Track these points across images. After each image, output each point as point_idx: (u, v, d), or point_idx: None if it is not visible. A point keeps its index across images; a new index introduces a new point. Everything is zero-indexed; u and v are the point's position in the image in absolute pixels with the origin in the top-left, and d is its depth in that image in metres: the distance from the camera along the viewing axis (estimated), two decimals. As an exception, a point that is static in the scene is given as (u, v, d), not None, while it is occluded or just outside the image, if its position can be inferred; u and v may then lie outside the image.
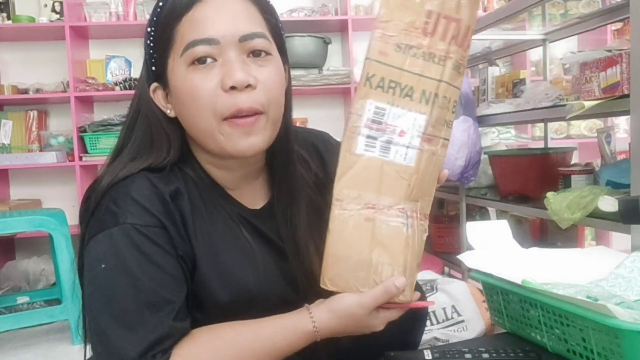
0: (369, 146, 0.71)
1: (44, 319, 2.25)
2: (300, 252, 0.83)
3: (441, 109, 0.70)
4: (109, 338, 0.68)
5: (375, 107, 0.70)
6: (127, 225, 0.71)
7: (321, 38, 3.08)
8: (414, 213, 0.71)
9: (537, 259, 1.00)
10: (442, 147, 0.71)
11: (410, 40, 0.69)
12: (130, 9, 3.16)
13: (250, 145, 0.75)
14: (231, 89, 0.72)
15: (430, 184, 0.72)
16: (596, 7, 2.56)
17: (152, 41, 0.77)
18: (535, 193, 1.66)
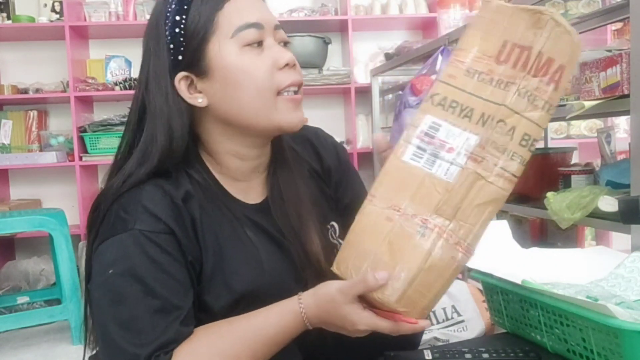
0: (416, 156, 0.72)
1: (44, 319, 2.25)
2: (301, 235, 0.85)
3: (499, 135, 0.69)
4: (115, 342, 0.70)
5: (432, 122, 0.72)
6: (136, 232, 0.72)
7: (321, 38, 3.08)
8: (438, 229, 0.69)
9: (537, 259, 1.00)
10: (497, 176, 0.69)
11: (481, 67, 0.72)
12: (130, 8, 3.16)
13: (300, 119, 0.82)
14: (285, 67, 0.79)
15: (472, 210, 0.69)
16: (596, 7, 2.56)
17: (184, 28, 0.77)
18: (535, 193, 1.66)
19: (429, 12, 3.31)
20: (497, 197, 0.69)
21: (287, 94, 0.80)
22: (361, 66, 3.34)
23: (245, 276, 0.79)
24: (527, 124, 0.69)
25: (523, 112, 0.69)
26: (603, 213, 1.29)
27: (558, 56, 0.69)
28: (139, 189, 0.76)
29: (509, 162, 0.69)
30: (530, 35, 0.69)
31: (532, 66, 0.69)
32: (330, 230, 0.92)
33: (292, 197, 0.87)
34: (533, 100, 0.69)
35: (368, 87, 3.12)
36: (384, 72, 2.93)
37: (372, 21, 3.32)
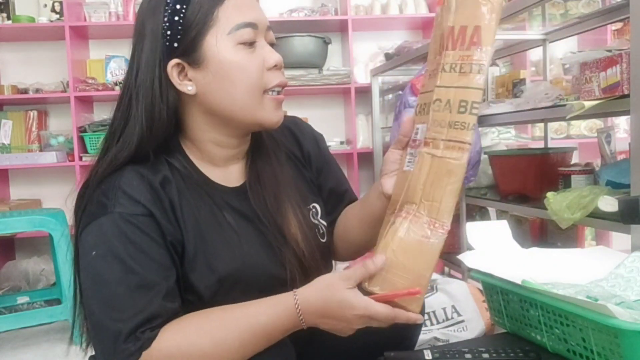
0: (409, 162, 0.79)
1: (44, 319, 2.25)
2: (277, 218, 0.88)
3: (437, 112, 0.73)
4: (100, 320, 0.72)
5: (415, 128, 0.79)
6: (115, 215, 0.75)
7: (321, 38, 3.08)
8: (406, 214, 0.74)
9: (537, 259, 1.00)
10: (446, 149, 0.72)
11: (433, 65, 0.78)
12: (130, 8, 3.16)
13: (280, 118, 0.87)
14: (273, 68, 0.84)
15: (432, 188, 0.73)
16: (596, 7, 2.56)
17: (184, 17, 0.79)
18: (535, 193, 1.66)
19: (429, 12, 3.31)
20: (451, 169, 0.72)
21: (272, 93, 0.84)
22: (361, 66, 3.34)
23: (225, 258, 0.81)
24: (460, 91, 0.72)
25: (453, 84, 0.72)
26: (603, 213, 1.29)
27: (469, 21, 0.72)
28: (118, 175, 0.79)
29: (453, 132, 0.72)
30: (444, 18, 0.74)
31: (448, 43, 0.73)
32: (312, 211, 0.96)
33: (269, 181, 0.91)
34: (460, 69, 0.72)
35: (368, 87, 3.12)
36: (384, 72, 2.93)
37: (372, 21, 3.32)
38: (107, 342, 0.71)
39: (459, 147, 0.72)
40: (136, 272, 0.73)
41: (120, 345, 0.70)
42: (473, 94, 0.72)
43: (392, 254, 0.74)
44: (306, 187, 0.98)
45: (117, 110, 0.84)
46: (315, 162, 1.02)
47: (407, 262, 0.73)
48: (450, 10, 0.73)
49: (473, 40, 0.71)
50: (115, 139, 0.82)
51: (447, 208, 0.73)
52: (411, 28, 3.52)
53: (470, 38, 0.72)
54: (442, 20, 0.75)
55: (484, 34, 0.71)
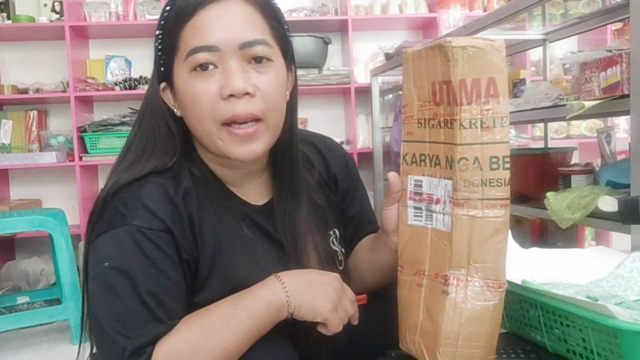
0: (417, 216, 0.75)
1: (44, 319, 2.25)
2: (298, 247, 0.85)
3: (465, 171, 0.68)
4: (106, 332, 0.71)
5: (415, 181, 0.76)
6: (133, 227, 0.72)
7: (321, 38, 3.08)
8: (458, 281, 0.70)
9: (537, 259, 1.00)
10: (487, 208, 0.68)
11: (427, 114, 0.73)
12: (130, 8, 3.16)
13: (249, 152, 0.78)
14: (229, 97, 0.75)
15: (481, 249, 0.69)
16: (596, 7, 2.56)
17: (160, 44, 0.80)
18: (535, 193, 1.66)
19: (429, 12, 3.31)
20: (497, 227, 0.69)
21: (234, 126, 0.76)
22: (361, 66, 3.34)
23: (243, 270, 0.80)
24: (487, 147, 0.68)
25: (477, 141, 0.68)
26: (603, 213, 1.29)
27: (481, 73, 0.67)
28: (140, 186, 0.76)
29: (489, 190, 0.68)
30: (446, 70, 0.69)
31: (460, 97, 0.68)
32: (332, 237, 0.93)
33: (294, 200, 0.87)
34: (482, 124, 0.68)
35: (368, 87, 3.12)
36: (384, 72, 2.93)
37: (372, 21, 3.32)
38: (110, 354, 0.71)
39: (499, 205, 0.69)
40: (148, 291, 0.71)
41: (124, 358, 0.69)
42: (502, 148, 0.68)
43: (461, 327, 0.69)
44: (330, 211, 0.94)
45: (142, 119, 0.84)
46: (341, 185, 0.97)
47: (477, 331, 0.70)
48: (458, 62, 0.67)
49: (490, 92, 0.67)
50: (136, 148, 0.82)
51: (502, 266, 0.70)
52: (411, 28, 3.52)
53: (486, 90, 0.67)
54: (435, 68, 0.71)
55: (499, 85, 0.68)
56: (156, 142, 0.81)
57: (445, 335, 0.69)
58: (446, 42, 0.67)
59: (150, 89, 0.84)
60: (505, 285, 0.71)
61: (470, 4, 3.30)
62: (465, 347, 0.69)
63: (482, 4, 3.35)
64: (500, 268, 0.70)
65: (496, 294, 0.70)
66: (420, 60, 0.73)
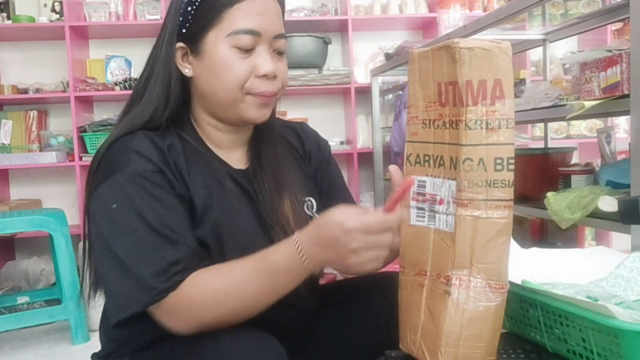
0: (420, 217, 0.75)
1: (44, 319, 2.25)
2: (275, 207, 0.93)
3: (469, 172, 0.69)
4: (129, 266, 0.77)
5: (418, 181, 0.75)
6: (130, 171, 0.81)
7: (321, 38, 3.08)
8: (460, 281, 0.70)
9: (537, 259, 1.00)
10: (490, 209, 0.68)
11: (432, 114, 0.73)
12: (130, 8, 3.16)
13: (262, 115, 0.91)
14: (263, 77, 0.88)
15: (484, 250, 0.69)
16: (596, 7, 2.56)
17: (195, 10, 0.87)
18: (535, 193, 1.66)
19: (429, 12, 3.31)
20: (500, 228, 0.69)
21: (256, 96, 0.89)
22: (361, 66, 3.34)
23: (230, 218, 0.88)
24: (492, 148, 0.68)
25: (482, 142, 0.68)
26: (603, 213, 1.29)
27: (488, 74, 0.68)
28: (130, 138, 0.85)
29: (493, 192, 0.69)
30: (453, 70, 0.69)
31: (467, 97, 0.68)
32: (307, 204, 0.99)
33: (270, 166, 0.96)
34: (487, 125, 0.68)
35: (368, 87, 3.12)
36: (384, 72, 2.93)
37: (372, 21, 3.32)
38: (131, 285, 0.76)
39: (503, 206, 0.69)
40: (158, 222, 0.79)
41: (148, 284, 0.75)
42: (507, 150, 0.69)
43: (463, 328, 0.69)
44: (304, 180, 1.03)
45: (140, 80, 0.93)
46: (314, 160, 1.07)
47: (479, 331, 0.70)
48: (465, 63, 0.67)
49: (496, 94, 0.68)
50: (134, 105, 0.91)
51: (504, 267, 0.70)
52: (411, 28, 3.52)
53: (492, 92, 0.68)
54: (442, 69, 0.71)
55: (505, 87, 0.68)
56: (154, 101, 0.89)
57: (447, 336, 0.69)
58: (453, 43, 0.68)
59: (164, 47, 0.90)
60: (507, 287, 0.71)
61: (470, 4, 3.30)
62: (466, 347, 0.69)
63: (482, 4, 3.35)
64: (502, 269, 0.70)
65: (498, 294, 0.70)
66: (427, 61, 0.73)
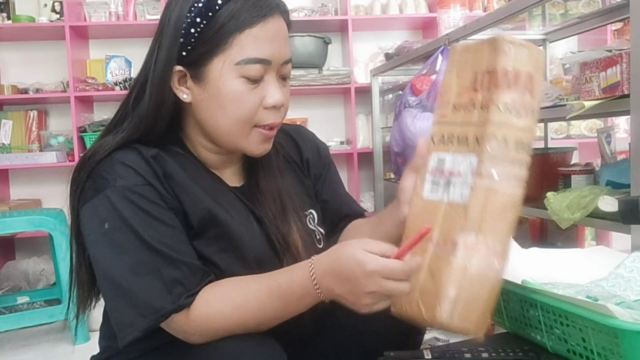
0: (434, 191, 0.79)
1: (44, 319, 2.24)
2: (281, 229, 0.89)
3: (495, 148, 0.73)
4: (129, 289, 0.74)
5: (438, 158, 0.80)
6: (118, 187, 0.77)
7: (321, 38, 3.08)
8: (467, 246, 0.72)
9: (537, 259, 1.00)
10: (504, 183, 0.73)
11: (464, 100, 0.79)
12: (130, 8, 3.16)
13: (265, 150, 0.87)
14: (272, 108, 0.83)
15: (494, 220, 0.73)
16: (596, 7, 2.56)
17: (200, 32, 0.80)
18: (535, 193, 1.66)
19: (429, 12, 3.31)
20: (511, 202, 0.74)
21: (263, 129, 0.85)
22: (361, 66, 3.34)
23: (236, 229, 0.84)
24: (517, 132, 0.74)
25: (509, 123, 0.73)
26: (603, 213, 1.29)
27: (523, 68, 0.74)
28: (115, 152, 0.81)
29: (511, 168, 0.74)
30: (493, 60, 0.75)
31: (502, 83, 0.74)
32: (309, 217, 0.96)
33: (268, 186, 0.92)
34: (515, 110, 0.73)
35: (368, 87, 3.12)
36: (384, 72, 2.93)
37: (372, 21, 3.32)
38: (132, 310, 0.73)
39: (517, 184, 0.75)
40: (154, 240, 0.75)
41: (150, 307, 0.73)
42: (527, 136, 0.75)
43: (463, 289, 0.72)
44: (304, 192, 0.98)
45: (129, 96, 0.86)
46: (313, 169, 1.02)
47: (477, 293, 0.73)
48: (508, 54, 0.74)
49: (527, 86, 0.74)
50: (121, 122, 0.85)
51: (509, 240, 0.74)
52: (411, 28, 3.52)
53: (525, 83, 0.74)
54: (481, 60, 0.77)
55: (535, 82, 0.75)
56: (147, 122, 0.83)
57: (448, 292, 0.72)
58: (499, 37, 0.75)
59: (159, 67, 0.82)
60: (508, 260, 0.74)
61: (470, 4, 3.30)
62: (465, 305, 0.72)
63: (482, 4, 3.35)
64: (506, 242, 0.74)
65: (500, 264, 0.73)
66: (467, 54, 0.80)
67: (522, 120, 0.74)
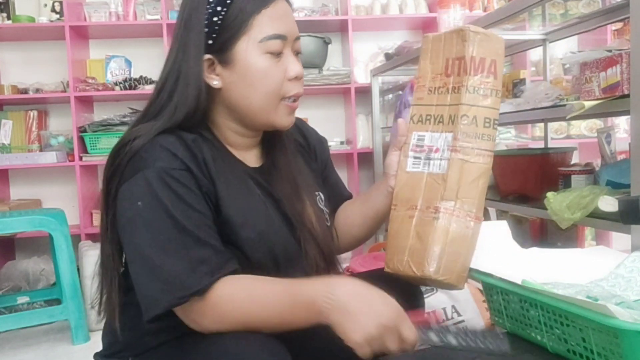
0: (415, 165, 0.93)
1: (44, 319, 2.24)
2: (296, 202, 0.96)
3: (466, 125, 0.88)
4: (157, 265, 0.77)
5: (418, 136, 0.94)
6: (157, 168, 0.81)
7: (321, 38, 3.08)
8: (447, 210, 0.86)
9: (537, 259, 1.00)
10: (477, 155, 0.88)
11: (438, 83, 0.93)
12: (130, 8, 3.16)
13: (292, 121, 0.95)
14: (294, 78, 0.91)
15: (468, 187, 0.87)
16: (596, 7, 2.56)
17: (222, 19, 0.87)
18: (535, 193, 1.66)
19: (429, 12, 3.31)
20: (482, 171, 0.88)
21: (288, 101, 0.92)
22: (361, 66, 3.34)
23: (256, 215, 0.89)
24: (484, 110, 0.89)
25: (477, 104, 0.88)
26: (603, 213, 1.29)
27: (487, 55, 0.89)
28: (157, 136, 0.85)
29: (481, 142, 0.88)
30: (461, 48, 0.89)
31: (470, 69, 0.88)
32: (317, 197, 1.03)
33: (285, 167, 0.99)
34: (481, 92, 0.88)
35: (368, 87, 3.12)
36: (384, 72, 2.93)
37: (372, 21, 3.32)
38: (160, 284, 0.77)
39: (487, 154, 0.88)
40: (185, 220, 0.79)
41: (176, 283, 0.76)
42: (494, 113, 0.89)
43: (446, 246, 0.85)
44: (313, 175, 1.06)
45: (162, 90, 0.90)
46: (320, 156, 1.12)
47: (458, 249, 0.85)
48: (474, 43, 0.88)
49: (491, 70, 0.89)
50: (154, 114, 0.90)
51: (482, 203, 0.88)
52: (411, 28, 3.53)
53: (488, 68, 0.89)
54: (451, 48, 0.91)
55: (498, 66, 0.89)
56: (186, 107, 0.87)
57: (433, 250, 0.85)
58: (465, 27, 0.88)
59: (191, 59, 0.87)
60: (482, 219, 0.88)
61: (470, 4, 3.30)
62: (447, 260, 0.85)
63: (482, 4, 3.35)
64: (480, 204, 0.88)
65: (475, 223, 0.87)
66: (439, 42, 0.93)
67: (488, 100, 0.89)
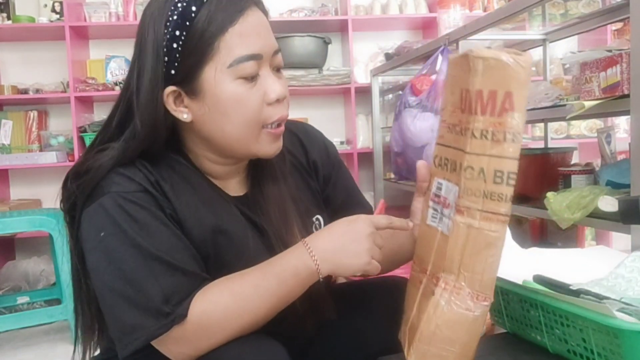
0: (434, 217, 0.76)
1: (44, 319, 2.24)
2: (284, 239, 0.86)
3: (469, 180, 0.67)
4: (128, 297, 0.72)
5: (437, 183, 0.76)
6: (113, 194, 0.75)
7: (321, 38, 3.08)
8: (446, 285, 0.70)
9: (537, 259, 1.00)
10: (484, 220, 0.67)
11: (455, 119, 0.72)
12: (130, 9, 3.16)
13: (277, 148, 0.84)
14: (276, 102, 0.80)
15: (472, 260, 0.68)
16: (596, 7, 2.56)
17: (183, 45, 0.75)
18: (535, 193, 1.66)
19: (429, 12, 3.31)
20: (490, 241, 0.67)
21: (271, 127, 0.81)
22: (361, 66, 3.34)
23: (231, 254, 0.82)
24: (494, 160, 0.66)
25: (486, 152, 0.66)
26: (603, 213, 1.29)
27: (499, 86, 0.65)
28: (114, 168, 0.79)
29: (489, 204, 0.67)
30: (467, 78, 0.67)
31: (475, 106, 0.67)
32: (315, 224, 0.94)
33: (273, 195, 0.89)
34: (492, 136, 0.66)
35: (368, 87, 3.12)
36: (384, 72, 2.93)
37: (372, 21, 3.32)
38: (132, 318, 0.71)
39: (496, 219, 0.67)
40: (150, 246, 0.73)
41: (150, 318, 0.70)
42: (509, 164, 0.66)
43: (437, 328, 0.70)
44: (310, 198, 0.96)
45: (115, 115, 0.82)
46: (322, 170, 0.99)
47: (452, 335, 0.70)
48: (477, 72, 0.66)
49: (505, 106, 0.65)
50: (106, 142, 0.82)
51: (490, 280, 0.69)
52: (411, 28, 3.52)
53: (501, 104, 0.65)
54: (462, 78, 0.70)
55: (516, 100, 0.65)
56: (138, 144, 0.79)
57: (422, 332, 0.70)
58: (469, 52, 0.67)
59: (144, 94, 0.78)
60: (491, 300, 0.70)
61: (470, 4, 3.30)
62: (437, 348, 0.70)
63: (482, 4, 3.35)
64: (487, 282, 0.69)
65: (479, 306, 0.69)
66: (456, 67, 0.72)
67: (500, 146, 0.66)
